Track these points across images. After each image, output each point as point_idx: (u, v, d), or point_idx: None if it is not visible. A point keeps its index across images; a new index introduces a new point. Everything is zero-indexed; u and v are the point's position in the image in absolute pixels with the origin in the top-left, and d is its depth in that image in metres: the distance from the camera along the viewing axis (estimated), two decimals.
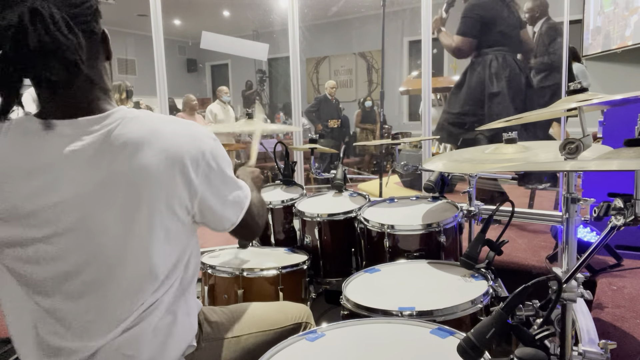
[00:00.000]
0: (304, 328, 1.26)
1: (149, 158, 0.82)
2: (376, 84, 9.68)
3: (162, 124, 0.87)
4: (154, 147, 0.83)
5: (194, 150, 0.88)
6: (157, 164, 0.83)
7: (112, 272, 0.85)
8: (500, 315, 0.72)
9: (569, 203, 1.11)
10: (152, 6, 2.98)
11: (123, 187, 0.82)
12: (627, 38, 5.35)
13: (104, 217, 0.82)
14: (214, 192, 0.93)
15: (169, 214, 0.86)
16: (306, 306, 1.35)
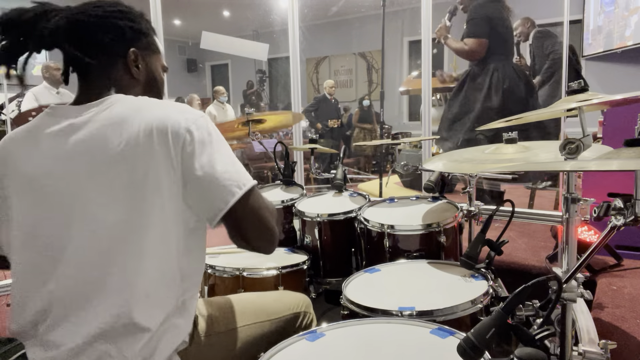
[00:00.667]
0: (302, 317, 1.26)
1: (129, 133, 0.85)
2: (376, 84, 9.69)
3: (148, 103, 0.92)
4: (134, 121, 0.86)
5: (176, 120, 0.87)
6: (137, 137, 0.85)
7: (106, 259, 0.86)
8: (500, 315, 0.72)
9: (569, 203, 1.11)
10: (152, 6, 2.97)
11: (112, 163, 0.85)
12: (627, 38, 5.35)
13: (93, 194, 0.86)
14: (200, 167, 0.86)
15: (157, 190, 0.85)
16: (305, 295, 1.35)
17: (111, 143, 0.85)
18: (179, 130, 0.86)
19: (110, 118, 0.88)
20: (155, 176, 0.85)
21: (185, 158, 0.86)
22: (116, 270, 0.86)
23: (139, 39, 1.01)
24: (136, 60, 1.00)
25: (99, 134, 0.87)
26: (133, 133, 0.85)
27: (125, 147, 0.85)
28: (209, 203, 0.88)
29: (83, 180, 0.87)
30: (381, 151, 5.59)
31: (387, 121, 7.55)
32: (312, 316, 1.31)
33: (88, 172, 0.87)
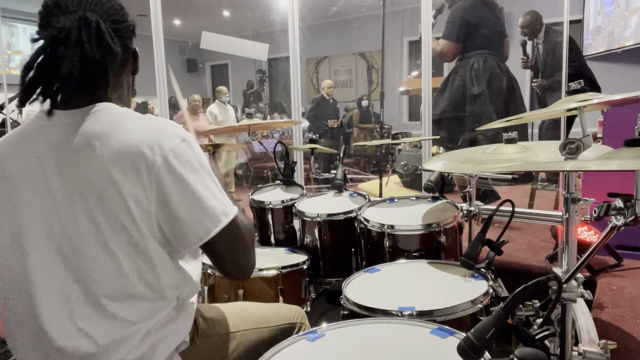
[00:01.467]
0: (298, 328, 1.26)
1: (105, 152, 0.82)
2: (376, 84, 9.69)
3: (126, 118, 0.86)
4: (112, 140, 0.82)
5: (151, 146, 0.81)
6: (111, 159, 0.81)
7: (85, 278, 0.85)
8: (500, 315, 0.72)
9: (569, 203, 1.11)
10: (152, 6, 2.98)
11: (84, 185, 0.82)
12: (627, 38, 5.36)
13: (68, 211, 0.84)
14: (173, 196, 0.82)
15: (129, 219, 0.82)
16: (300, 307, 1.35)
17: (85, 160, 0.82)
18: (153, 157, 0.81)
19: (91, 131, 0.84)
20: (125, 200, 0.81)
21: (160, 188, 0.82)
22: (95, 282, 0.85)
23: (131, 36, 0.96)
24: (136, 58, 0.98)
25: (77, 148, 0.83)
26: (108, 153, 0.81)
27: (100, 167, 0.81)
28: (183, 235, 0.85)
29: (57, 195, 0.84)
30: (381, 151, 5.59)
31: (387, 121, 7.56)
32: (307, 328, 1.30)
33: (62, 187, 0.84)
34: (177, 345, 0.96)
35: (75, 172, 0.84)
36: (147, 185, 0.82)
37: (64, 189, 0.84)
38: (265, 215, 2.06)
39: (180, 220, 0.84)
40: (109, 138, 0.83)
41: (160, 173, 0.81)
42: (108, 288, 0.86)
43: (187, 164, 0.84)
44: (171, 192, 0.82)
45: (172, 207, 0.83)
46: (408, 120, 9.45)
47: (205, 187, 0.86)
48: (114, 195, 0.82)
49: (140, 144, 0.82)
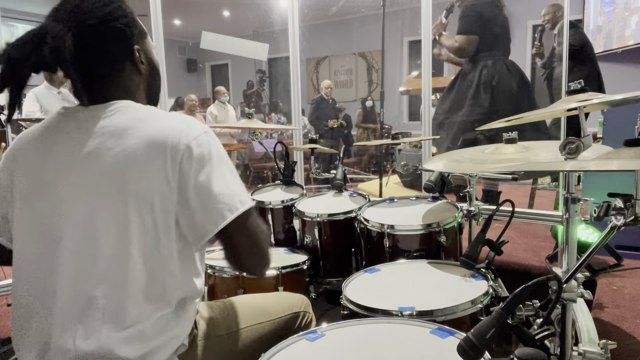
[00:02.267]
0: (302, 317, 1.26)
1: (129, 144, 0.85)
2: (376, 84, 9.68)
3: (152, 114, 0.90)
4: (136, 133, 0.86)
5: (176, 135, 0.85)
6: (136, 149, 0.84)
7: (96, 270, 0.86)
8: (500, 315, 0.72)
9: (569, 203, 1.11)
10: (152, 6, 2.98)
11: (110, 172, 0.85)
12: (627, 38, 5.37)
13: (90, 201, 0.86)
14: (191, 184, 0.85)
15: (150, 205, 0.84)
16: (304, 295, 1.35)
17: (110, 153, 0.85)
18: (177, 145, 0.85)
19: (113, 126, 0.87)
20: (148, 191, 0.84)
21: (182, 175, 0.85)
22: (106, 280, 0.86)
23: (135, 32, 0.96)
24: (139, 55, 0.98)
25: (101, 142, 0.86)
26: (133, 145, 0.85)
27: (124, 159, 0.84)
28: (200, 223, 0.87)
29: (82, 188, 0.86)
30: (381, 151, 5.59)
31: (387, 121, 7.56)
32: (311, 316, 1.31)
33: (87, 181, 0.86)
34: (176, 348, 0.95)
35: (99, 165, 0.86)
36: (170, 174, 0.85)
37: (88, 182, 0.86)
38: (265, 215, 2.06)
39: (199, 208, 0.86)
40: (133, 131, 0.86)
41: (183, 161, 0.85)
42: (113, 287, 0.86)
43: (208, 153, 0.87)
44: (192, 179, 0.85)
45: (191, 194, 0.86)
46: (408, 120, 9.45)
47: (224, 175, 0.89)
48: (139, 186, 0.84)
49: (165, 133, 0.86)
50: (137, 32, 0.97)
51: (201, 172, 0.86)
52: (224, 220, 0.87)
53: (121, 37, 0.93)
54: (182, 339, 0.97)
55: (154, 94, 1.05)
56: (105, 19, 0.90)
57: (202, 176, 0.86)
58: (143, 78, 1.00)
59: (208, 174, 0.87)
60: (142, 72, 0.99)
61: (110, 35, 0.91)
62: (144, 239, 0.86)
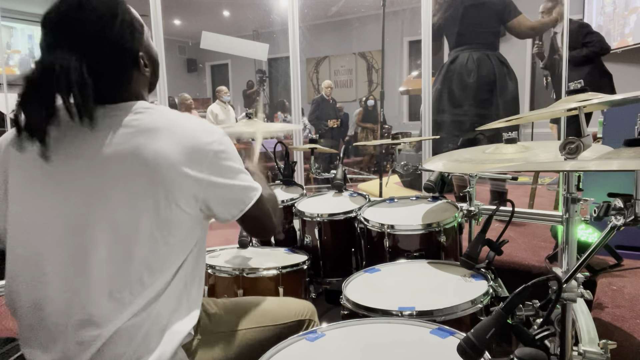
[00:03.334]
0: (307, 325, 1.25)
1: (160, 144, 0.89)
2: (376, 84, 9.69)
3: (178, 116, 0.98)
4: (166, 134, 0.91)
5: (204, 139, 0.94)
6: (167, 150, 0.89)
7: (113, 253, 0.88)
8: (500, 315, 0.72)
9: (569, 203, 1.11)
10: (152, 6, 2.97)
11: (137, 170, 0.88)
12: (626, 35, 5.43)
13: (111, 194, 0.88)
14: (221, 181, 0.96)
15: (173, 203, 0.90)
16: (310, 302, 1.35)
17: (143, 151, 0.88)
18: (206, 148, 0.94)
19: (140, 125, 0.91)
20: (178, 190, 0.90)
21: (211, 172, 0.94)
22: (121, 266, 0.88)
23: (136, 37, 0.96)
24: (143, 61, 0.98)
25: (130, 139, 0.89)
26: (164, 146, 0.89)
27: (156, 158, 0.88)
28: (226, 211, 1.00)
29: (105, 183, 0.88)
30: (381, 151, 5.59)
31: (387, 121, 7.56)
32: (316, 324, 1.30)
33: (112, 176, 0.88)
34: (180, 339, 0.95)
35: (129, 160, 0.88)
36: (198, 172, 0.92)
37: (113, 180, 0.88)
38: None
39: (225, 199, 0.99)
40: (163, 132, 0.91)
41: (212, 161, 0.94)
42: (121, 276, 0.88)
43: (229, 153, 0.99)
44: (218, 177, 0.96)
45: (218, 189, 0.96)
46: (408, 120, 9.45)
47: (240, 169, 1.02)
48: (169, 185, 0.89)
49: (194, 137, 0.94)
50: (138, 36, 0.96)
51: (226, 167, 0.97)
52: (246, 206, 1.02)
53: (126, 52, 0.94)
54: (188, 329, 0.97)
55: (154, 83, 1.09)
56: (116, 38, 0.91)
57: (226, 170, 0.98)
58: (146, 78, 1.02)
59: (230, 168, 0.98)
60: (147, 74, 1.01)
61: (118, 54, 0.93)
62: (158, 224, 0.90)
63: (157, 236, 0.90)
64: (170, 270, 0.93)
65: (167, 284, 0.93)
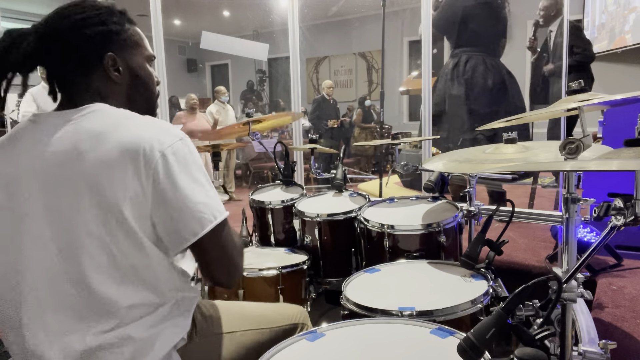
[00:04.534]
0: (300, 329, 1.26)
1: (103, 150, 0.83)
2: (376, 84, 9.69)
3: (125, 118, 0.89)
4: (110, 138, 0.84)
5: (150, 142, 0.83)
6: (109, 155, 0.83)
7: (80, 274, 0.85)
8: (500, 315, 0.72)
9: (569, 203, 1.11)
10: (152, 6, 2.98)
11: (83, 178, 0.83)
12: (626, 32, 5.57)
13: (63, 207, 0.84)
14: (168, 193, 0.84)
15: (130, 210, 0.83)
16: (303, 307, 1.35)
17: (84, 157, 0.83)
18: (152, 153, 0.83)
19: (86, 130, 0.86)
20: (123, 197, 0.82)
21: (156, 183, 0.83)
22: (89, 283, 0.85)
23: (112, 40, 0.95)
24: (115, 64, 0.96)
25: (73, 146, 0.85)
26: (106, 150, 0.83)
27: (98, 164, 0.83)
28: (175, 232, 0.86)
29: (53, 193, 0.85)
30: (381, 151, 5.59)
31: (387, 121, 7.56)
32: (309, 328, 1.30)
33: (58, 185, 0.85)
34: (175, 342, 0.95)
35: (71, 171, 0.84)
36: (144, 181, 0.83)
37: (59, 189, 0.85)
38: (265, 215, 2.06)
39: (174, 218, 0.85)
40: (107, 136, 0.84)
41: (158, 169, 0.83)
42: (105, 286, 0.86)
43: (183, 162, 0.86)
44: (167, 189, 0.84)
45: (167, 204, 0.84)
46: (408, 120, 9.45)
47: (200, 186, 0.87)
48: (111, 193, 0.82)
49: (139, 140, 0.83)
50: (116, 41, 0.96)
51: (177, 181, 0.84)
52: (202, 229, 0.86)
53: (88, 44, 0.93)
54: (182, 334, 0.97)
55: (141, 104, 1.02)
56: (75, 25, 0.91)
57: (179, 185, 0.84)
58: (120, 87, 0.98)
59: (184, 183, 0.85)
60: (117, 82, 0.97)
61: (75, 40, 0.92)
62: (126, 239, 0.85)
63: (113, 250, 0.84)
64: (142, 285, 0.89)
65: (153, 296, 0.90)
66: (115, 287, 0.86)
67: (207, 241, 0.88)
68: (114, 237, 0.84)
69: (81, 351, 0.85)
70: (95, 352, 0.86)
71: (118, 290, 0.87)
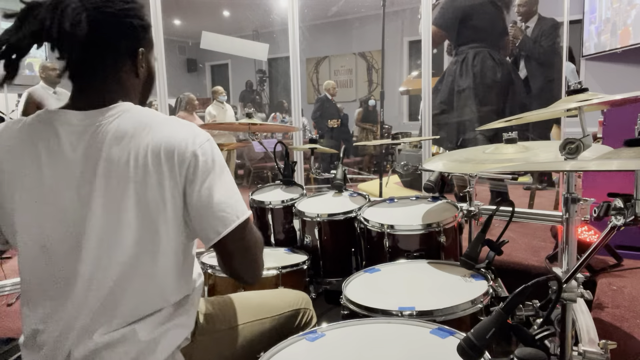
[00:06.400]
0: (302, 314, 1.26)
1: (136, 150, 0.84)
2: (376, 84, 9.69)
3: (157, 119, 0.90)
4: (142, 139, 0.85)
5: (183, 142, 0.86)
6: (144, 156, 0.84)
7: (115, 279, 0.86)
8: (500, 315, 0.72)
9: (569, 203, 1.11)
10: (152, 6, 2.97)
11: (116, 178, 0.84)
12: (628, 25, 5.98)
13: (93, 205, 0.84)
14: (200, 193, 0.87)
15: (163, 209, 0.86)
16: (304, 292, 1.35)
17: (118, 160, 0.84)
18: (185, 153, 0.86)
19: (117, 132, 0.85)
20: (161, 196, 0.85)
21: (187, 182, 0.87)
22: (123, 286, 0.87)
23: (146, 37, 0.97)
24: (142, 59, 0.97)
25: (106, 148, 0.84)
26: (141, 151, 0.84)
27: (134, 165, 0.84)
28: (203, 230, 0.90)
29: (90, 197, 0.85)
30: (381, 151, 5.59)
31: (387, 121, 7.56)
32: (311, 313, 1.31)
33: (95, 189, 0.84)
34: (179, 343, 0.96)
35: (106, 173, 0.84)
36: (178, 180, 0.86)
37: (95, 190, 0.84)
38: (265, 215, 2.06)
39: (203, 215, 0.88)
40: (140, 137, 0.85)
41: (190, 169, 0.86)
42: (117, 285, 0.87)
43: (212, 161, 0.89)
44: (198, 187, 0.87)
45: (196, 201, 0.88)
46: (408, 120, 9.45)
47: (227, 184, 0.91)
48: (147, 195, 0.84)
49: (173, 142, 0.86)
50: (147, 38, 0.97)
51: (206, 180, 0.88)
52: (226, 229, 0.89)
53: (131, 35, 0.93)
54: (185, 334, 0.97)
55: (144, 100, 1.05)
56: (122, 12, 0.89)
57: (207, 184, 0.88)
58: (140, 82, 0.99)
59: (212, 182, 0.88)
60: (140, 76, 0.97)
61: (122, 28, 0.90)
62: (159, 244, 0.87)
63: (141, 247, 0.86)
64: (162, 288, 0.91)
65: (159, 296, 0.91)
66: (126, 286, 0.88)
67: (230, 240, 0.90)
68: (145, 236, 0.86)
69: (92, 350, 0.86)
70: (101, 351, 0.86)
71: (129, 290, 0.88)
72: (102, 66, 0.91)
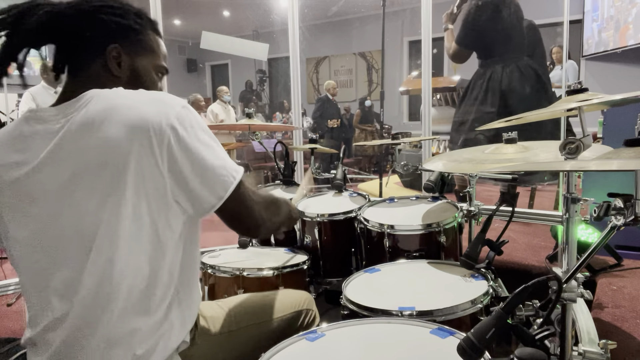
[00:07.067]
0: (305, 315, 1.25)
1: (110, 133, 0.81)
2: (376, 84, 9.70)
3: (123, 97, 0.86)
4: (112, 121, 0.82)
5: (156, 117, 0.82)
6: (118, 138, 0.81)
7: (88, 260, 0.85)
8: (500, 315, 0.72)
9: (569, 203, 1.11)
10: (152, 6, 2.97)
11: (93, 168, 0.82)
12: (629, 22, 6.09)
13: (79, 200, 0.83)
14: (185, 163, 0.84)
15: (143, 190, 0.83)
16: (307, 292, 1.35)
17: (90, 147, 0.82)
18: (161, 127, 0.82)
19: (87, 119, 0.83)
20: (139, 177, 0.82)
21: (171, 156, 0.83)
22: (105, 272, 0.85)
23: (126, 35, 0.95)
24: (118, 56, 0.94)
25: (77, 138, 0.83)
26: (112, 134, 0.81)
27: (106, 150, 0.81)
28: (202, 198, 0.87)
29: (69, 188, 0.84)
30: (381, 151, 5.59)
31: (387, 121, 7.56)
32: (314, 313, 1.31)
33: (72, 180, 0.83)
34: (177, 345, 0.95)
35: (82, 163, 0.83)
36: (159, 157, 0.83)
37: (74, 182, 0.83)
38: None
39: (198, 184, 0.86)
40: (111, 120, 0.82)
41: (171, 143, 0.83)
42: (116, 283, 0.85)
43: (191, 129, 0.86)
44: (184, 158, 0.84)
45: (187, 172, 0.85)
46: (408, 120, 9.46)
47: (212, 147, 0.88)
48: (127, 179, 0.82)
49: (146, 118, 0.82)
50: (133, 37, 0.97)
51: (191, 149, 0.85)
52: (226, 192, 0.88)
53: (99, 29, 0.92)
54: (182, 336, 0.96)
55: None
56: (93, 8, 0.91)
57: (193, 152, 0.85)
58: (120, 82, 0.96)
59: (198, 149, 0.85)
60: (118, 74, 0.95)
61: (88, 22, 0.91)
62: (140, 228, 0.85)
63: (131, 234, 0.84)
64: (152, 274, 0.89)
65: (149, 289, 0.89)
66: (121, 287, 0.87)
67: (231, 201, 0.90)
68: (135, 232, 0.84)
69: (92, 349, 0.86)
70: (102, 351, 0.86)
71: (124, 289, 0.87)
72: (71, 60, 0.93)
